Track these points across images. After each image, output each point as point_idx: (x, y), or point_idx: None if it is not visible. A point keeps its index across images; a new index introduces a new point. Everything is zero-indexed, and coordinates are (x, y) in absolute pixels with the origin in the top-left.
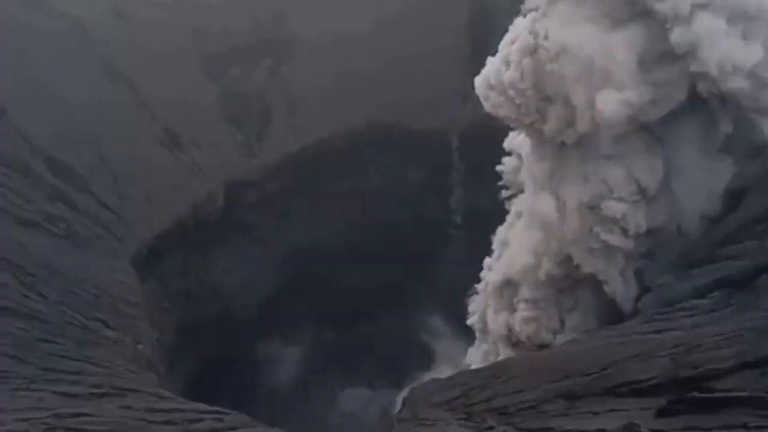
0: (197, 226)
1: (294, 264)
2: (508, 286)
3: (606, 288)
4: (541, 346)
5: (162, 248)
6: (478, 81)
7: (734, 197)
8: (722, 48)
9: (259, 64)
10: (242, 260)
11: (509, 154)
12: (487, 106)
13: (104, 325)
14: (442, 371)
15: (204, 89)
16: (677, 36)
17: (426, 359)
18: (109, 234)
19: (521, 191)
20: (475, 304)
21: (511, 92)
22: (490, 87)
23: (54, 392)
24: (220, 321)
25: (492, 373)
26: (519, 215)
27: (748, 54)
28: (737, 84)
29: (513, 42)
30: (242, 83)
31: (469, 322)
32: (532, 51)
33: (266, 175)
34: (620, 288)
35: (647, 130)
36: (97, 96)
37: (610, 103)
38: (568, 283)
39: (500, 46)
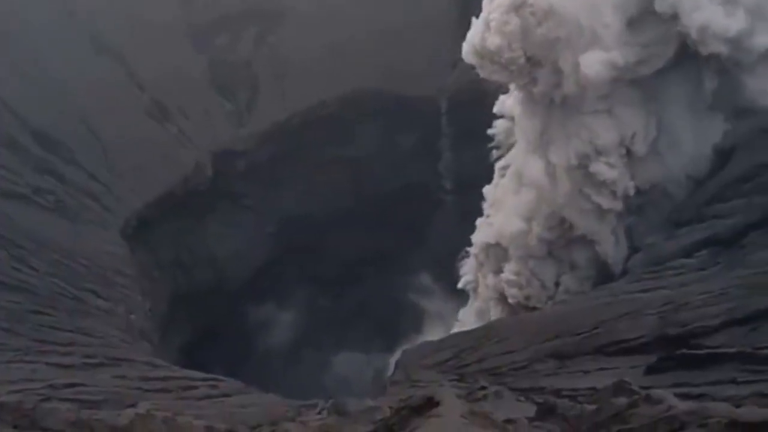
0: (187, 195)
1: (285, 232)
2: (499, 249)
3: (597, 248)
4: (533, 308)
5: (152, 218)
6: (465, 48)
7: (721, 157)
8: (704, 14)
9: (247, 33)
10: (233, 229)
11: (498, 117)
12: (481, 74)
13: (95, 295)
14: (434, 333)
15: (191, 59)
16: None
17: (418, 322)
18: (98, 205)
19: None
20: (466, 267)
21: (501, 59)
22: (481, 55)
23: (47, 363)
24: (213, 290)
25: (483, 334)
26: (503, 174)
27: (729, 22)
28: (718, 48)
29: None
30: (230, 52)
31: (460, 284)
32: (518, 7)
33: (255, 144)
34: (611, 248)
35: (636, 87)
36: (84, 68)
37: (595, 64)
38: (559, 245)
39: (484, 3)
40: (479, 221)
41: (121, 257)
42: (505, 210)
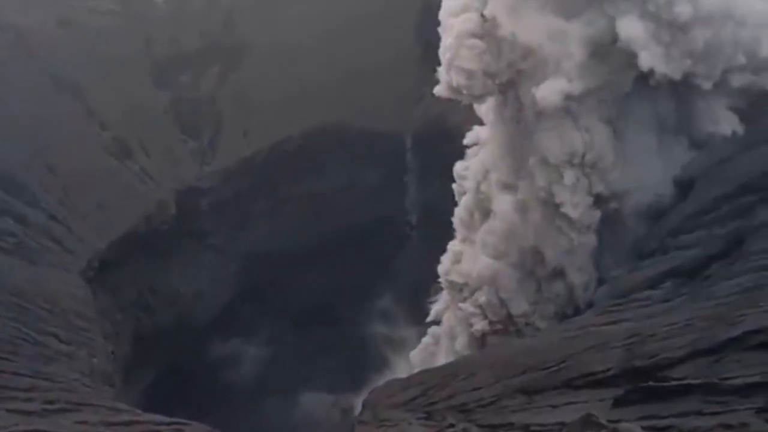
0: (150, 235)
1: (251, 270)
2: (468, 287)
3: (567, 281)
4: (501, 338)
5: (114, 259)
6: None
7: (682, 188)
8: (649, 58)
9: (210, 70)
10: (197, 268)
11: (464, 150)
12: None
13: (57, 339)
14: (403, 369)
15: (154, 97)
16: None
17: (386, 357)
18: (59, 247)
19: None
20: (436, 303)
21: (470, 92)
22: (452, 91)
23: (7, 410)
24: (176, 330)
25: (451, 371)
26: (472, 210)
27: (672, 68)
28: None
29: (456, 15)
30: (193, 89)
31: (430, 317)
32: (481, 35)
33: (219, 181)
34: (581, 280)
35: (598, 107)
36: (44, 106)
37: (551, 95)
38: (529, 279)
39: (441, 15)
40: (444, 257)
41: (83, 299)
42: (474, 247)
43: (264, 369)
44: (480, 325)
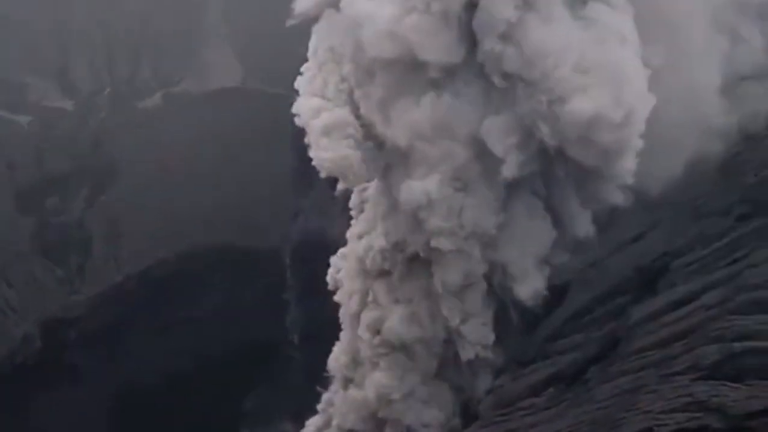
0: (14, 371)
1: (123, 403)
2: None
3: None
4: None
5: None
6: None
7: (558, 293)
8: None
9: (78, 193)
10: (66, 404)
11: None
12: None
13: None
14: None
15: (17, 223)
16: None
17: None
18: None
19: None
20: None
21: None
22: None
23: None
24: None
25: None
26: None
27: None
28: None
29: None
30: (59, 214)
31: None
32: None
33: (88, 311)
34: (473, 388)
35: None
36: None
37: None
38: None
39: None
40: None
41: None
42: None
43: None
44: None
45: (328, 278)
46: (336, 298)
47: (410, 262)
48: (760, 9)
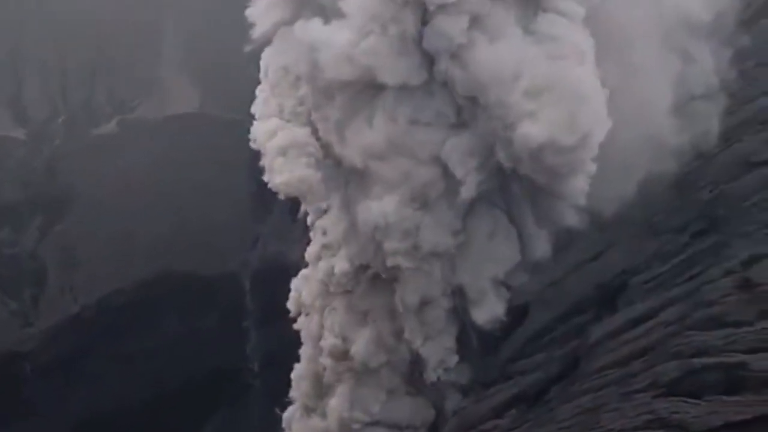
0: None
1: None
2: None
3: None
4: None
5: None
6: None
7: (518, 313)
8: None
9: (31, 223)
10: None
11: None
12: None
13: None
14: None
15: None
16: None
17: None
18: None
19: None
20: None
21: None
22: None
23: None
24: None
25: None
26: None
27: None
28: None
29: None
30: (12, 245)
31: None
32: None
33: (43, 343)
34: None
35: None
36: None
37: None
38: None
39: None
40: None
41: None
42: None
43: None
44: None
45: (289, 303)
46: (296, 325)
47: (373, 280)
48: (710, 29)
